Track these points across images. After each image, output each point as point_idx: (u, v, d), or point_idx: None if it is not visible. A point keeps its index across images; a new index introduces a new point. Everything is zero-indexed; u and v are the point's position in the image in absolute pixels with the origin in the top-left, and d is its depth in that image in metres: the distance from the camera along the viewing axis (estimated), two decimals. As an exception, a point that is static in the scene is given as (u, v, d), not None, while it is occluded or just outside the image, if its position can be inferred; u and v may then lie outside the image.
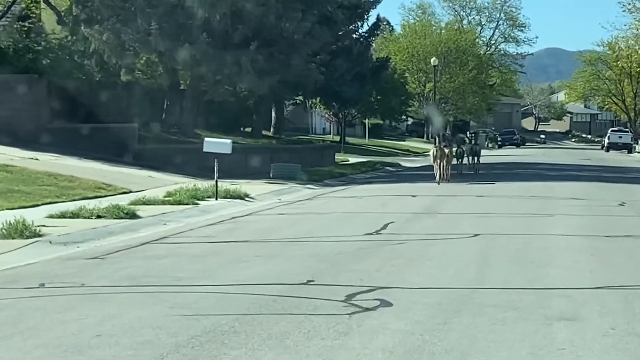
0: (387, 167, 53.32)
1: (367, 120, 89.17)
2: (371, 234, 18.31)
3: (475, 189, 32.42)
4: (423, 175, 43.47)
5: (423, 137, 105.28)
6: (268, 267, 13.89)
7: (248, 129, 56.11)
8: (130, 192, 29.26)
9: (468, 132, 79.47)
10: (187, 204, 25.85)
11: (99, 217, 21.29)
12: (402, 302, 10.87)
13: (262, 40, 39.87)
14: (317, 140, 61.36)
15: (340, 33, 51.44)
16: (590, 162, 61.85)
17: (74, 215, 21.25)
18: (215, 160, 28.54)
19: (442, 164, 36.76)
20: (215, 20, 39.10)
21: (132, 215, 21.82)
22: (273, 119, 58.48)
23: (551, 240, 17.25)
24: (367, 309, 10.47)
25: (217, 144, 29.23)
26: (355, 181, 39.87)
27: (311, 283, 12.37)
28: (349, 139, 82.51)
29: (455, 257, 14.81)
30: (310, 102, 62.36)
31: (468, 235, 17.81)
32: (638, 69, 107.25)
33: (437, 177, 36.53)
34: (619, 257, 14.90)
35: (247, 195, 29.41)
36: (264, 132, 57.28)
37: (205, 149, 28.93)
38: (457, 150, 42.26)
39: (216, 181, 28.28)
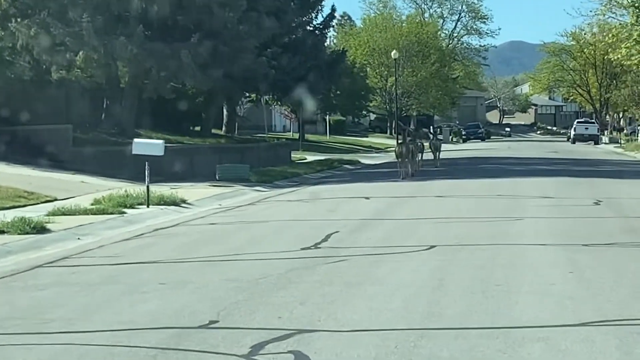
0: (346, 165, 50.62)
1: (328, 116, 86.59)
2: (309, 248, 15.51)
3: (435, 188, 29.74)
4: (382, 173, 40.89)
5: (386, 133, 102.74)
6: (168, 301, 11.06)
7: (198, 128, 53.08)
8: (56, 200, 26.43)
9: (431, 127, 76.99)
10: (111, 213, 23.06)
11: (1, 232, 18.47)
12: (324, 356, 8.09)
13: (205, 32, 36.93)
14: (272, 139, 58.49)
15: (292, 25, 48.60)
16: (557, 155, 59.36)
17: (-28, 231, 18.41)
18: (147, 163, 25.70)
19: (406, 160, 35.46)
20: (154, 11, 36.12)
21: (41, 229, 19.00)
22: (225, 117, 55.44)
23: (520, 252, 14.50)
24: (274, 370, 7.70)
25: (148, 145, 26.34)
26: (308, 181, 37.10)
27: (214, 325, 9.55)
28: (309, 137, 79.88)
29: (405, 281, 12.04)
30: (266, 99, 59.33)
31: (423, 248, 15.06)
32: (605, 56, 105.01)
33: (402, 173, 34.88)
34: (605, 276, 12.15)
35: (183, 201, 26.63)
36: (215, 132, 54.30)
37: (134, 151, 26.09)
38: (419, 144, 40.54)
39: (147, 186, 25.48)
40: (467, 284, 11.67)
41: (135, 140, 26.71)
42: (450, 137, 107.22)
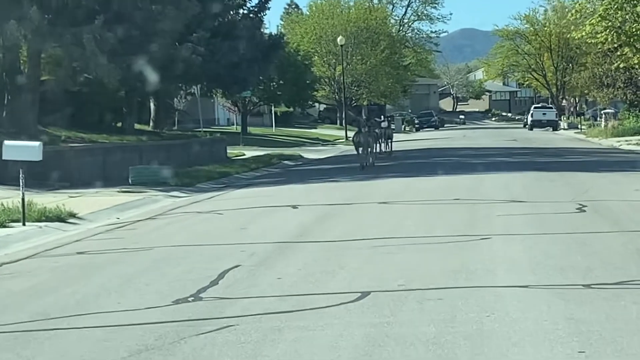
0: (286, 161, 45.71)
1: (272, 107, 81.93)
2: (186, 299, 10.61)
3: (380, 190, 24.96)
4: (323, 171, 36.29)
5: (336, 124, 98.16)
6: None
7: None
8: None
9: (382, 116, 72.29)
10: (-34, 236, 18.18)
11: None
12: None
13: (112, 14, 31.82)
14: (205, 134, 53.30)
15: (221, 6, 43.51)
16: (517, 144, 54.80)
17: None
18: (21, 170, 20.70)
19: (366, 149, 35.49)
20: (51, -10, 31.00)
21: None
22: (152, 111, 50.13)
23: (493, 304, 9.62)
24: None
25: (22, 148, 21.18)
26: (237, 183, 32.20)
27: None
28: (253, 130, 75.42)
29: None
30: (200, 90, 53.99)
31: (350, 298, 10.19)
32: (560, 38, 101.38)
33: (362, 163, 34.62)
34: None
35: (72, 215, 21.69)
36: (142, 128, 49.15)
37: (4, 156, 21.10)
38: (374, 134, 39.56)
39: (22, 199, 20.50)
40: (412, 386, 6.83)
41: (6, 142, 21.59)
42: (403, 126, 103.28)
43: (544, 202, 19.65)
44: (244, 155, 50.24)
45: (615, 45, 52.48)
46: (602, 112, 71.95)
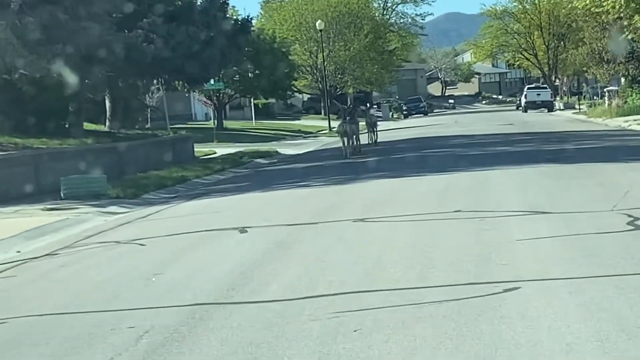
0: (258, 159, 40.66)
1: (252, 100, 77.01)
2: None
3: (358, 198, 19.85)
4: (295, 171, 31.34)
5: (321, 114, 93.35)
6: None
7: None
8: None
9: (367, 104, 67.54)
10: None
11: None
12: None
13: (34, -5, 26.61)
14: (169, 132, 47.98)
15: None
16: (515, 129, 49.68)
17: None
18: None
19: (351, 140, 35.08)
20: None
21: None
22: (108, 109, 44.80)
23: None
24: None
25: None
26: (193, 191, 27.13)
27: None
28: (231, 124, 70.93)
29: None
30: (161, 83, 48.66)
31: None
32: (553, 14, 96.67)
33: (347, 153, 34.47)
34: None
35: (-43, 250, 16.65)
36: (98, 128, 43.93)
37: None
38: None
39: None
40: None
41: None
42: (391, 113, 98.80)
43: (577, 213, 14.36)
44: (215, 153, 45.29)
45: (622, 15, 47.17)
46: (605, 89, 66.73)
